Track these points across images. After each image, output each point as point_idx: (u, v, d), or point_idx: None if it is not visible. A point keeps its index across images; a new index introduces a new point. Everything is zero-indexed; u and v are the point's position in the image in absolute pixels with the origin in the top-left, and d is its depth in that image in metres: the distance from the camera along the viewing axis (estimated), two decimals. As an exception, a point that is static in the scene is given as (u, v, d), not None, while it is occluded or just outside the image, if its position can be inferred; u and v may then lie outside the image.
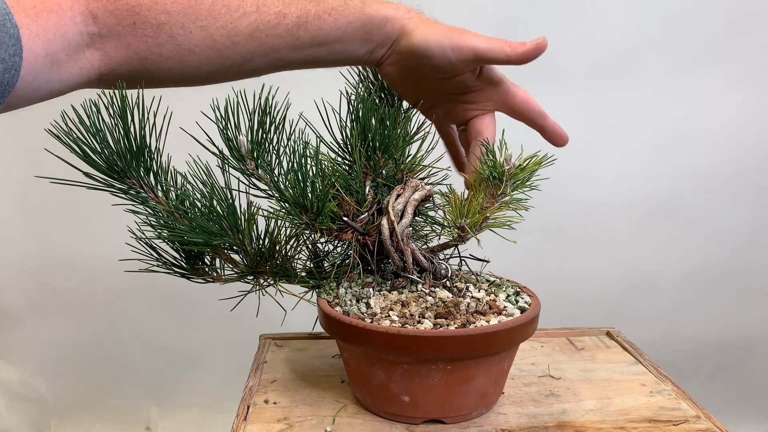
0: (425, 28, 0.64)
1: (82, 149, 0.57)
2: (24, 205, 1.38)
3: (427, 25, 0.64)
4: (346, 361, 0.69)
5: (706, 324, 1.53)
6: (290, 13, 0.61)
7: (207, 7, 0.58)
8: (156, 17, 0.57)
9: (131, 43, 0.57)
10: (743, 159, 1.43)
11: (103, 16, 0.56)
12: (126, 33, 0.57)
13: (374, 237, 0.68)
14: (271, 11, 0.61)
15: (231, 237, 0.64)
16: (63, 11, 0.54)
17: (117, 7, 0.56)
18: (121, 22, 0.56)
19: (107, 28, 0.56)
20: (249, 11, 0.60)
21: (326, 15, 0.62)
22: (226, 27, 0.59)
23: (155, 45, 0.58)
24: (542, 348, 0.86)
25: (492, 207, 0.68)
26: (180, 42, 0.58)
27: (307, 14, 0.62)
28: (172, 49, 0.59)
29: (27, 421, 1.50)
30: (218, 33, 0.59)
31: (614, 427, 0.65)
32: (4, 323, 1.45)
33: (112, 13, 0.56)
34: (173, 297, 1.43)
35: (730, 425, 0.71)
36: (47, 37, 0.53)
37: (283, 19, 0.61)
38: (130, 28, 0.57)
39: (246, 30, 0.60)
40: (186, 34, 0.58)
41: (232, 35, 0.60)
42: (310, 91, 0.70)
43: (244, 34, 0.60)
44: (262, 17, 0.60)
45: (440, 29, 0.64)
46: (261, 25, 0.60)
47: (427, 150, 0.74)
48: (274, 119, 0.64)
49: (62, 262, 1.41)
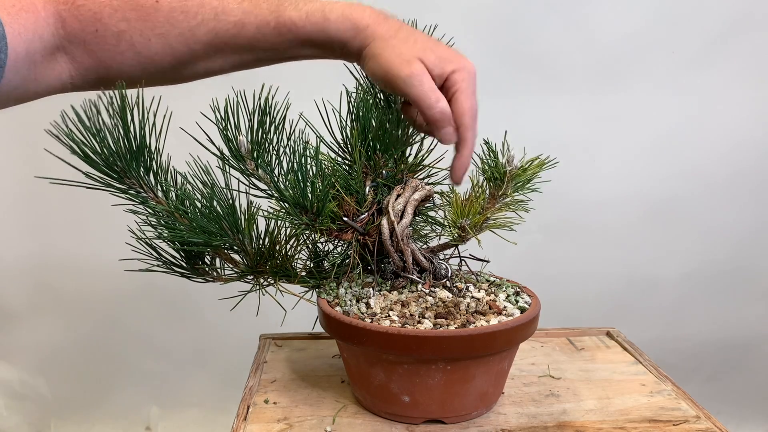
0: (375, 62, 0.61)
1: (82, 149, 0.57)
2: (24, 205, 1.38)
3: (379, 54, 0.60)
4: (346, 361, 0.69)
5: (706, 324, 1.53)
6: (249, 23, 0.60)
7: (165, 14, 0.58)
8: (116, 24, 0.57)
9: (95, 50, 0.58)
10: (743, 158, 1.43)
11: (70, 20, 0.56)
12: (90, 40, 0.57)
13: (374, 237, 0.68)
14: (229, 20, 0.60)
15: (231, 237, 0.64)
16: (38, 11, 0.54)
17: (81, 13, 0.56)
18: (86, 28, 0.57)
19: (74, 33, 0.57)
20: (207, 18, 0.59)
21: (286, 30, 0.60)
22: (184, 35, 0.59)
23: (117, 53, 0.58)
24: (542, 348, 0.86)
25: (493, 207, 0.68)
26: (140, 50, 0.59)
27: (267, 26, 0.60)
28: (133, 57, 0.59)
29: (27, 421, 1.50)
30: (176, 41, 0.59)
31: (614, 427, 0.65)
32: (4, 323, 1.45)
33: (77, 19, 0.56)
34: (173, 297, 1.43)
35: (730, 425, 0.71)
36: (27, 36, 0.53)
37: (242, 29, 0.60)
38: (93, 35, 0.57)
39: (205, 38, 0.60)
40: (145, 42, 0.58)
41: (191, 43, 0.60)
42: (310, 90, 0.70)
43: (203, 42, 0.60)
44: (220, 25, 0.60)
45: (387, 59, 0.60)
46: (220, 33, 0.60)
47: (428, 150, 0.74)
48: (274, 119, 0.64)
49: (62, 262, 1.41)
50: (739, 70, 1.38)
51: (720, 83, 1.38)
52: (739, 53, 1.37)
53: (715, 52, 1.36)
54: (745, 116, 1.41)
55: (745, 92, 1.39)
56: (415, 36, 0.61)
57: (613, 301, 1.49)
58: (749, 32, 1.35)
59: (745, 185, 1.45)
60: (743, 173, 1.44)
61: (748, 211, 1.46)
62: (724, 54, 1.37)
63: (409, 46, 0.60)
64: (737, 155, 1.43)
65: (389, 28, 0.61)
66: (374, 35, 0.61)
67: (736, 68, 1.37)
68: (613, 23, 1.35)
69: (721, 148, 1.42)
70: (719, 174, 1.44)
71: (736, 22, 1.34)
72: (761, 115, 1.41)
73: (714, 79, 1.38)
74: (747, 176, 1.44)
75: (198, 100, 0.65)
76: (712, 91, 1.39)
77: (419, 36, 0.61)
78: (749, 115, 1.40)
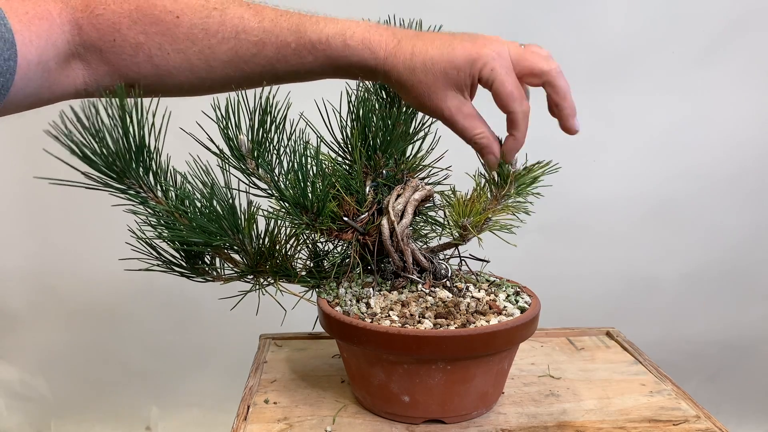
0: (409, 97, 0.61)
1: (81, 150, 0.57)
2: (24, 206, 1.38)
3: (408, 91, 0.61)
4: (346, 361, 0.69)
5: (706, 324, 1.53)
6: (269, 43, 0.60)
7: (185, 30, 0.58)
8: (135, 37, 0.57)
9: (111, 59, 0.58)
10: (743, 158, 1.43)
11: (87, 28, 0.56)
12: (107, 49, 0.57)
13: (374, 237, 0.68)
14: (250, 39, 0.59)
15: (231, 237, 0.64)
16: (53, 18, 0.54)
17: (99, 22, 0.56)
18: (103, 37, 0.57)
19: (90, 41, 0.57)
20: (228, 37, 0.59)
21: (306, 52, 0.60)
22: (204, 52, 0.59)
23: (134, 64, 0.58)
24: (542, 348, 0.86)
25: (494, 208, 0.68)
26: (158, 63, 0.59)
27: (287, 47, 0.60)
28: (150, 69, 0.59)
29: (27, 421, 1.50)
30: (196, 57, 0.59)
31: (614, 427, 0.65)
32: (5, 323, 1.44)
33: (95, 27, 0.56)
34: (173, 297, 1.42)
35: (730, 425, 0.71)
36: (39, 43, 0.53)
37: (263, 49, 0.60)
38: (110, 44, 0.57)
39: (224, 56, 0.60)
40: (164, 55, 0.58)
41: (210, 60, 0.60)
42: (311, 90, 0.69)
43: (222, 60, 0.60)
44: (240, 44, 0.59)
45: (420, 93, 0.60)
46: (240, 51, 0.60)
47: (428, 150, 0.74)
48: (275, 119, 0.63)
49: (62, 262, 1.41)
50: (739, 70, 1.37)
51: (720, 83, 1.38)
52: (739, 53, 1.37)
53: (715, 52, 1.36)
54: (745, 116, 1.40)
55: (745, 92, 1.39)
56: (430, 55, 0.59)
57: (613, 301, 1.49)
58: (749, 32, 1.35)
59: (745, 185, 1.45)
60: (743, 173, 1.44)
61: (748, 212, 1.46)
62: (724, 54, 1.37)
63: (433, 78, 0.59)
64: (737, 155, 1.42)
65: (405, 57, 0.60)
66: (395, 67, 0.60)
67: (736, 68, 1.37)
68: (613, 23, 1.34)
69: (722, 149, 1.42)
70: (719, 174, 1.44)
71: (736, 22, 1.34)
72: (761, 115, 1.41)
73: (714, 79, 1.38)
74: (747, 176, 1.44)
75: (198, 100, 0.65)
76: (712, 91, 1.39)
77: (434, 52, 0.59)
78: (749, 115, 1.40)
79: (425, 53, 0.59)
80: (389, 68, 0.60)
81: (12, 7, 0.51)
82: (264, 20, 0.60)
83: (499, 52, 0.59)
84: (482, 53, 0.58)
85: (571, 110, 0.62)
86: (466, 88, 0.60)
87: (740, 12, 1.34)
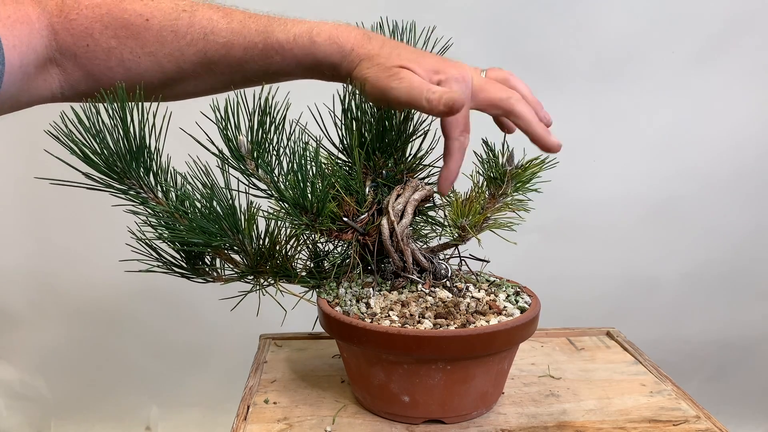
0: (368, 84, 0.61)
1: (82, 150, 0.57)
2: (24, 206, 1.38)
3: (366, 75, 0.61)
4: (346, 361, 0.69)
5: (706, 324, 1.53)
6: (237, 44, 0.60)
7: (154, 33, 0.58)
8: (107, 41, 0.58)
9: (85, 64, 0.58)
10: (743, 158, 1.43)
11: (62, 33, 0.57)
12: (81, 54, 0.58)
13: (374, 237, 0.68)
14: (218, 41, 0.60)
15: (231, 237, 0.64)
16: (32, 23, 0.55)
17: (73, 27, 0.57)
18: (77, 42, 0.57)
19: (65, 46, 0.57)
20: (196, 38, 0.59)
21: (273, 52, 0.61)
22: (174, 54, 0.59)
23: (107, 68, 0.59)
24: (542, 348, 0.86)
25: (493, 207, 0.68)
26: (129, 66, 0.59)
27: (254, 48, 0.60)
28: (123, 73, 0.59)
29: (27, 421, 1.50)
30: (166, 59, 0.60)
31: (614, 427, 0.65)
32: (4, 323, 1.45)
33: (69, 32, 0.57)
34: (173, 297, 1.43)
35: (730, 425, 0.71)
36: (22, 48, 0.53)
37: (230, 50, 0.60)
38: (84, 50, 0.58)
39: (194, 57, 0.60)
40: (135, 59, 0.59)
41: (180, 62, 0.60)
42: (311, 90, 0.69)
43: (192, 61, 0.60)
44: (209, 46, 0.60)
45: (374, 77, 0.60)
46: (209, 53, 0.60)
47: (427, 150, 0.74)
48: (274, 119, 0.63)
49: (62, 263, 1.41)
50: (739, 70, 1.38)
51: (720, 83, 1.38)
52: (739, 53, 1.37)
53: (715, 52, 1.36)
54: (745, 116, 1.41)
55: (745, 92, 1.39)
56: (399, 51, 0.61)
57: (613, 301, 1.49)
58: (749, 32, 1.35)
59: (745, 185, 1.45)
60: (743, 173, 1.44)
61: (748, 212, 1.46)
62: (724, 54, 1.37)
63: (393, 62, 0.59)
64: (737, 155, 1.43)
65: (372, 47, 0.61)
66: (359, 56, 0.61)
67: (736, 68, 1.37)
68: (613, 23, 1.35)
69: (721, 148, 1.42)
70: (719, 174, 1.44)
71: (736, 22, 1.34)
72: (761, 115, 1.41)
73: (714, 79, 1.38)
74: (747, 176, 1.44)
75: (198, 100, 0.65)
76: (712, 91, 1.39)
77: (403, 50, 0.61)
78: (749, 115, 1.40)
79: (395, 47, 0.61)
80: (353, 59, 0.60)
81: None
82: (232, 22, 0.60)
83: (464, 76, 0.60)
84: (449, 71, 0.60)
85: (542, 131, 0.61)
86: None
87: (740, 12, 1.34)
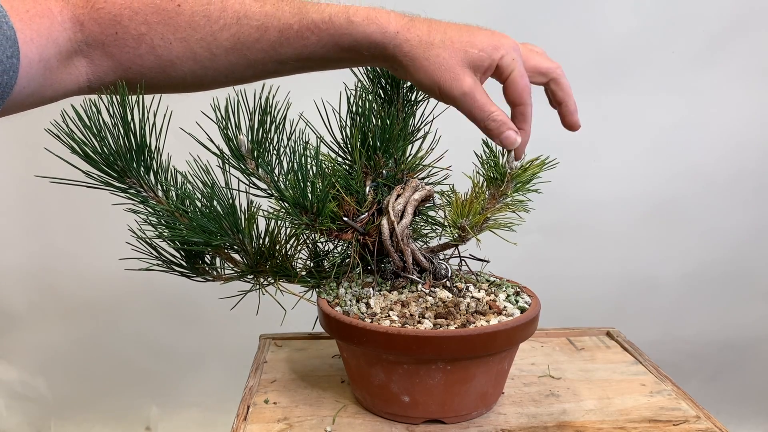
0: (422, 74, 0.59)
1: (82, 149, 0.57)
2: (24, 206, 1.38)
3: (422, 66, 0.59)
4: (346, 361, 0.69)
5: (706, 324, 1.53)
6: (272, 27, 0.59)
7: (186, 18, 0.57)
8: (136, 28, 0.57)
9: (114, 53, 0.57)
10: (743, 158, 1.43)
11: (88, 23, 0.56)
12: (109, 43, 0.57)
13: (374, 237, 0.68)
14: (252, 24, 0.59)
15: (231, 236, 0.64)
16: (54, 16, 0.54)
17: (100, 16, 0.56)
18: (105, 31, 0.56)
19: (92, 36, 0.56)
20: (229, 23, 0.58)
21: (309, 32, 0.59)
22: (206, 39, 0.58)
23: (137, 56, 0.58)
24: (542, 348, 0.86)
25: (493, 207, 0.68)
26: (160, 53, 0.58)
27: (289, 29, 0.59)
28: (153, 60, 0.58)
29: (27, 421, 1.50)
30: (198, 45, 0.58)
31: (614, 427, 0.65)
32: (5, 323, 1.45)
33: (96, 22, 0.56)
34: (173, 297, 1.42)
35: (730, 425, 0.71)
36: (40, 42, 0.53)
37: (265, 33, 0.59)
38: (112, 38, 0.57)
39: (227, 43, 0.59)
40: (166, 45, 0.58)
41: (212, 47, 0.59)
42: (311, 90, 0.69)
43: (225, 47, 0.59)
44: (243, 30, 0.59)
45: (434, 71, 0.59)
46: (242, 37, 0.59)
47: (428, 150, 0.74)
48: (275, 119, 0.64)
49: (62, 262, 1.41)
50: (739, 70, 1.37)
51: (720, 83, 1.38)
52: (739, 53, 1.37)
53: (715, 52, 1.36)
54: (745, 116, 1.40)
55: (745, 92, 1.39)
56: (449, 35, 0.59)
57: (613, 301, 1.49)
58: (749, 32, 1.35)
59: (745, 186, 1.45)
60: (743, 174, 1.44)
61: (748, 212, 1.46)
62: (724, 54, 1.37)
63: (451, 53, 0.59)
64: (738, 155, 1.43)
65: (420, 33, 0.59)
66: (408, 41, 0.59)
67: (736, 68, 1.37)
68: (613, 23, 1.34)
69: (722, 149, 1.42)
70: (720, 174, 1.44)
71: (736, 22, 1.34)
72: (761, 115, 1.41)
73: (714, 79, 1.38)
74: (747, 177, 1.44)
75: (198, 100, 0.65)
76: (712, 91, 1.39)
77: (453, 33, 0.60)
78: (749, 115, 1.40)
79: (444, 32, 0.59)
80: (401, 42, 0.59)
81: (13, 6, 0.51)
82: (266, 5, 0.59)
83: (515, 47, 0.61)
84: (503, 42, 0.60)
85: (574, 106, 0.65)
86: (482, 71, 0.60)
87: (740, 12, 1.34)
